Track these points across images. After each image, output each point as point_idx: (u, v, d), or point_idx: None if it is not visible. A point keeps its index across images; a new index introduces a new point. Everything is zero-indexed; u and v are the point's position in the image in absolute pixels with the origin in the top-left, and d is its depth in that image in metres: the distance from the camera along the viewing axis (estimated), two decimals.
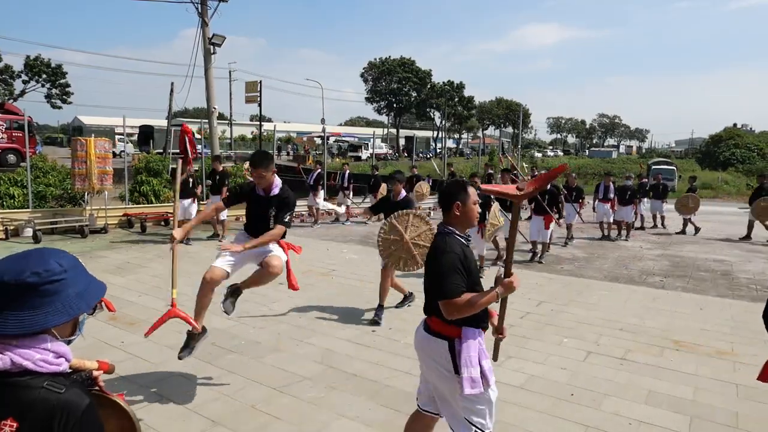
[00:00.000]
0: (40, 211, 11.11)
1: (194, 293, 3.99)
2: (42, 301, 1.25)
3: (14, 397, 1.19)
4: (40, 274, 1.26)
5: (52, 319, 1.27)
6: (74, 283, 1.33)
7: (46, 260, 1.30)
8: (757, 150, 43.61)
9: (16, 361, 1.21)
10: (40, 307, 1.25)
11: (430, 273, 2.52)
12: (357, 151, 47.59)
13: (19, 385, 1.21)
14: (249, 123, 64.47)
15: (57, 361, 1.28)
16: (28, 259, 1.30)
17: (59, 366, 1.28)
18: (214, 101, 14.69)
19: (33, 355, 1.23)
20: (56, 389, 1.22)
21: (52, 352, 1.27)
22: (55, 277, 1.28)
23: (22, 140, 14.78)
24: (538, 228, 9.35)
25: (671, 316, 6.22)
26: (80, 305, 1.32)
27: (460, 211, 2.51)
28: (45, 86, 46.08)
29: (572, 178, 12.81)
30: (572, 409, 3.78)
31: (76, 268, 1.36)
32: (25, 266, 1.27)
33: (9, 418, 1.17)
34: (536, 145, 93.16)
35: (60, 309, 1.28)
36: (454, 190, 2.54)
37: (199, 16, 13.97)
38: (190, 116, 54.05)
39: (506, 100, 77.11)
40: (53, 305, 1.27)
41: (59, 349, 1.30)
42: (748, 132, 59.43)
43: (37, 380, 1.22)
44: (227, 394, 3.95)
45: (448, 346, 2.42)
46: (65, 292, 1.30)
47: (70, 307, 1.30)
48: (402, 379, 4.27)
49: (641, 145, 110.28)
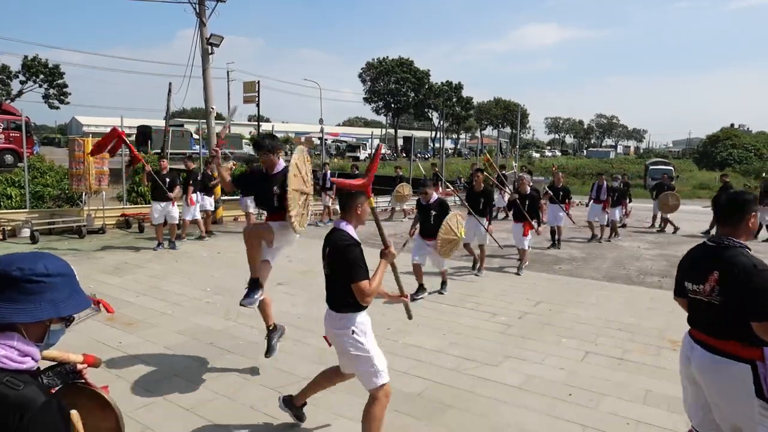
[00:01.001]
0: (38, 212, 11.08)
1: (193, 293, 3.98)
2: (18, 297, 1.29)
3: None
4: (23, 270, 1.31)
5: (18, 316, 1.29)
6: (55, 290, 1.35)
7: (35, 261, 1.35)
8: (754, 150, 43.75)
9: None
10: (13, 301, 1.29)
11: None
12: (355, 152, 47.61)
13: None
14: (247, 123, 64.40)
15: (21, 359, 1.30)
16: (22, 257, 1.36)
17: (23, 364, 1.30)
18: (212, 101, 14.64)
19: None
20: (14, 386, 1.23)
21: (17, 350, 1.29)
22: (37, 278, 1.32)
23: (20, 140, 14.74)
24: (516, 235, 8.75)
25: (669, 315, 6.23)
26: (49, 311, 1.34)
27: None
28: (42, 86, 46.03)
29: (558, 177, 11.98)
30: (570, 409, 3.79)
31: (64, 277, 1.39)
32: (15, 261, 1.33)
33: None
34: (534, 145, 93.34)
35: (30, 309, 1.31)
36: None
37: (196, 16, 13.94)
38: (188, 116, 54.04)
39: (504, 101, 77.24)
40: (25, 303, 1.30)
41: (25, 348, 1.31)
42: (745, 132, 59.65)
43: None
44: (226, 394, 3.95)
45: (750, 369, 2.30)
46: (42, 295, 1.33)
47: (40, 310, 1.32)
48: (401, 379, 4.27)
49: (639, 146, 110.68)
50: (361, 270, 2.92)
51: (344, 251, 2.95)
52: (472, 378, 4.33)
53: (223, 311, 5.94)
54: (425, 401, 3.92)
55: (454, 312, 6.22)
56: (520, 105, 68.57)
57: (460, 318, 5.98)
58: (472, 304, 6.53)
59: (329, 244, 3.04)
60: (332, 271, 3.04)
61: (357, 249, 2.98)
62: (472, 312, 6.23)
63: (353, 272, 2.90)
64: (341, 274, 2.96)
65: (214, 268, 8.05)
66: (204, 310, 5.96)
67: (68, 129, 63.37)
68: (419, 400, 3.94)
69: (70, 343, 1.45)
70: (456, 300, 6.73)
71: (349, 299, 2.96)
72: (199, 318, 5.74)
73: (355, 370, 3.11)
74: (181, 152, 23.15)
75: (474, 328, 5.65)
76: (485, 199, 8.25)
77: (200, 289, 6.68)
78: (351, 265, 2.92)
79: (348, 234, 3.05)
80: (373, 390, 3.00)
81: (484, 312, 6.22)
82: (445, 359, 4.74)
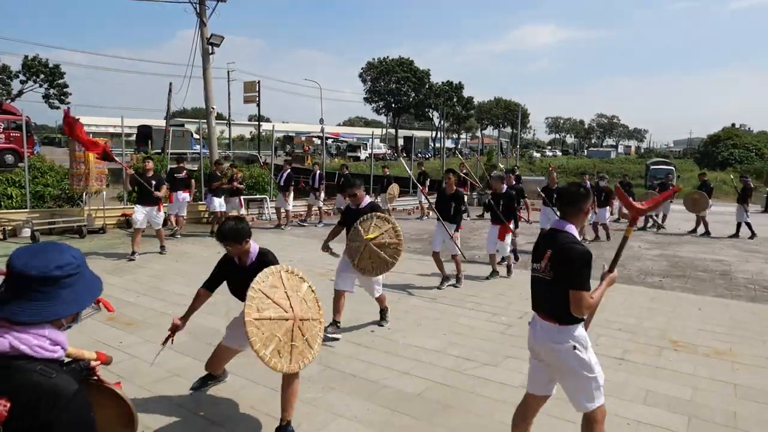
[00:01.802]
0: (38, 212, 11.09)
1: (193, 293, 3.98)
2: (59, 293, 1.34)
3: (9, 379, 1.25)
4: (62, 267, 1.34)
5: (64, 310, 1.35)
6: (84, 276, 1.42)
7: (65, 254, 1.38)
8: (755, 150, 43.74)
9: (15, 345, 1.27)
10: (56, 298, 1.33)
11: None
12: (355, 152, 47.59)
13: (14, 367, 1.27)
14: (247, 123, 64.46)
15: (53, 348, 1.34)
16: (48, 253, 1.37)
17: (54, 353, 1.34)
18: (212, 101, 14.66)
19: (31, 340, 1.29)
20: (48, 374, 1.28)
21: (48, 339, 1.33)
22: (74, 270, 1.37)
23: (20, 140, 14.73)
24: (493, 239, 7.96)
25: (669, 316, 6.23)
26: (87, 298, 1.42)
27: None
28: (43, 86, 46.10)
29: (553, 177, 11.32)
30: (570, 409, 3.77)
31: (84, 262, 1.45)
32: (48, 260, 1.34)
33: (3, 398, 1.22)
34: (535, 145, 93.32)
35: (72, 300, 1.36)
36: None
37: (197, 16, 13.95)
38: (189, 116, 54.06)
39: (505, 100, 77.19)
40: (67, 297, 1.35)
41: (56, 337, 1.36)
42: (746, 132, 59.62)
43: (32, 364, 1.28)
44: (226, 394, 3.95)
45: None
46: (78, 285, 1.38)
47: (82, 299, 1.39)
48: (400, 379, 4.27)
49: (640, 145, 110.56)
50: (586, 278, 2.67)
51: (573, 254, 2.67)
52: (472, 378, 4.33)
53: (223, 311, 5.93)
54: (425, 401, 3.92)
55: (454, 312, 6.21)
56: (520, 105, 68.59)
57: (460, 318, 5.98)
58: (472, 304, 6.53)
59: (552, 246, 2.77)
60: (556, 275, 2.73)
61: (588, 254, 2.70)
62: (472, 312, 6.23)
63: (578, 279, 2.64)
64: (564, 279, 2.68)
65: None
66: (204, 310, 5.89)
67: None
68: (419, 400, 3.94)
69: (71, 343, 1.47)
70: (456, 300, 6.73)
71: (569, 309, 2.67)
72: (199, 318, 5.70)
73: (570, 388, 2.80)
74: (182, 152, 23.14)
75: (474, 328, 5.64)
76: (456, 204, 7.27)
77: None
78: (577, 270, 2.65)
79: (574, 236, 2.82)
80: (590, 410, 2.72)
81: (484, 312, 6.22)
82: (445, 359, 4.73)
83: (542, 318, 2.80)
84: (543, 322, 2.79)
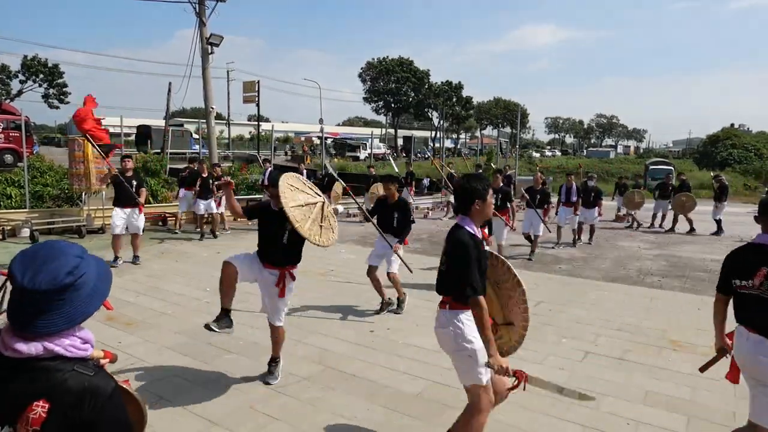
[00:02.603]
0: (38, 212, 11.08)
1: (193, 293, 3.98)
2: (79, 294, 1.32)
3: (46, 380, 1.25)
4: (72, 272, 1.31)
5: (91, 306, 1.35)
6: (92, 266, 1.41)
7: (68, 257, 1.33)
8: (754, 150, 43.72)
9: (48, 346, 1.27)
10: (79, 299, 1.32)
11: None
12: (355, 151, 47.56)
13: (50, 368, 1.27)
14: (247, 123, 64.38)
15: (83, 346, 1.35)
16: (51, 262, 1.29)
17: (86, 351, 1.36)
18: (211, 101, 14.67)
19: (63, 340, 1.30)
20: (86, 372, 1.29)
21: (79, 338, 1.35)
22: (83, 270, 1.35)
23: (19, 140, 14.72)
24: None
25: (669, 316, 6.24)
26: (106, 286, 1.41)
27: None
28: (42, 86, 46.07)
29: (538, 177, 10.67)
30: (570, 409, 3.79)
31: (85, 252, 1.42)
32: (55, 270, 1.28)
33: (42, 399, 1.22)
34: (534, 145, 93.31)
35: (93, 294, 1.36)
36: None
37: (196, 15, 13.95)
38: (188, 116, 53.96)
39: (504, 100, 77.18)
40: (87, 294, 1.35)
41: (86, 336, 1.37)
42: (745, 132, 59.61)
43: (67, 364, 1.29)
44: (226, 394, 3.95)
45: None
46: (92, 278, 1.37)
47: (102, 288, 1.39)
48: (400, 379, 4.27)
49: (639, 145, 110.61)
50: None
51: None
52: None
53: None
54: (425, 401, 3.92)
55: None
56: (520, 105, 68.51)
57: None
58: None
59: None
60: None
61: None
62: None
63: None
64: None
65: (213, 268, 7.97)
66: (204, 310, 5.95)
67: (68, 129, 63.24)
68: (419, 400, 3.94)
69: None
70: None
71: None
72: (199, 318, 5.72)
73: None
74: (182, 152, 23.10)
75: None
76: (399, 214, 6.12)
77: (200, 289, 6.68)
78: None
79: None
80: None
81: None
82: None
83: (751, 331, 2.83)
84: (752, 335, 2.85)
